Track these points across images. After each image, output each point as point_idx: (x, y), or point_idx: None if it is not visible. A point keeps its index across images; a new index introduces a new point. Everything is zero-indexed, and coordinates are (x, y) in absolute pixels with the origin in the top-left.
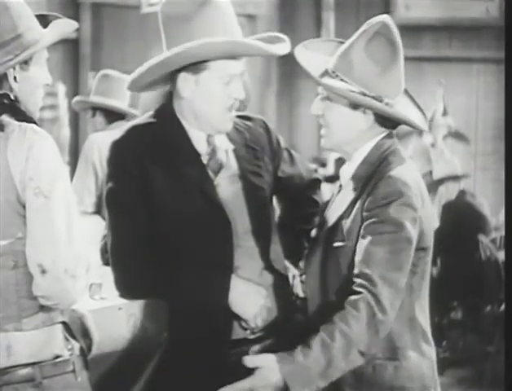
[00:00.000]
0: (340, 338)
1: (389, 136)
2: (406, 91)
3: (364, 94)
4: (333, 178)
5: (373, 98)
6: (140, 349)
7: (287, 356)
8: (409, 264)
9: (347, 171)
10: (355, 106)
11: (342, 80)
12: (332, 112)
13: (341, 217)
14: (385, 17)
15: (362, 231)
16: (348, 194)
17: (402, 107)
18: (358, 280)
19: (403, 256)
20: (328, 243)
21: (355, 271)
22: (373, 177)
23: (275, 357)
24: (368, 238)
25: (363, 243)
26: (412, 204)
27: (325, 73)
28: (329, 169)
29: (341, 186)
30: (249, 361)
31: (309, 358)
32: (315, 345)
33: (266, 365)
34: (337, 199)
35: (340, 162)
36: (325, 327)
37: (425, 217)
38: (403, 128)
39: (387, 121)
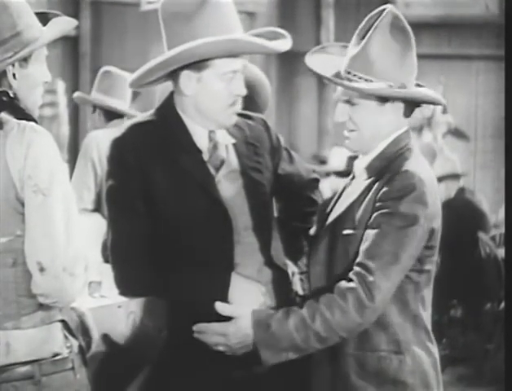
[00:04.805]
0: (320, 322)
1: (406, 133)
2: None
3: (391, 87)
4: (343, 173)
5: (400, 87)
6: (139, 347)
7: (263, 322)
8: (412, 260)
9: (362, 162)
10: (383, 100)
11: (360, 78)
12: (359, 114)
13: (352, 205)
14: (390, 7)
15: (371, 221)
16: (361, 183)
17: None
18: (357, 268)
19: (408, 251)
20: (337, 230)
21: (358, 259)
22: (389, 170)
23: (250, 322)
24: (376, 229)
25: (370, 233)
26: (425, 200)
27: (338, 75)
28: (330, 166)
29: (353, 177)
30: (223, 308)
31: (283, 331)
32: (292, 320)
33: (241, 324)
34: (349, 189)
35: (353, 159)
36: (310, 304)
37: (436, 215)
38: None
39: (408, 108)
